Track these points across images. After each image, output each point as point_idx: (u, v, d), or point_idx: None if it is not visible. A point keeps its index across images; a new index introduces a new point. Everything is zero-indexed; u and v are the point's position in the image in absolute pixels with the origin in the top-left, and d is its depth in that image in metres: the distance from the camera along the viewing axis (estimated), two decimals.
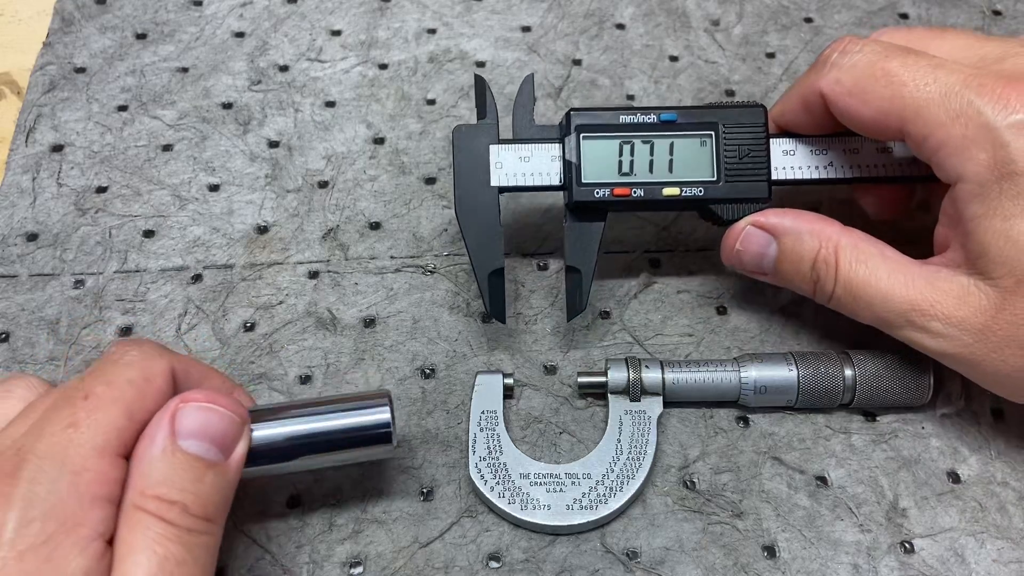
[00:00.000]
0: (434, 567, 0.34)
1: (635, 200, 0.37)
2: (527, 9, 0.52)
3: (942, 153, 0.32)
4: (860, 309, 0.35)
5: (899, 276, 0.33)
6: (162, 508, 0.27)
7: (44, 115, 0.47)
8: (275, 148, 0.46)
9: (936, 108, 0.32)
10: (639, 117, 0.37)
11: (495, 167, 0.37)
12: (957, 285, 0.33)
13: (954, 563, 0.34)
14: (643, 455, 0.36)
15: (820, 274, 0.35)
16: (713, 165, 0.37)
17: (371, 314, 0.41)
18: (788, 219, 0.36)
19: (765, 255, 0.37)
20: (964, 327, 0.32)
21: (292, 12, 0.51)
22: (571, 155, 0.37)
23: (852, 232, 0.35)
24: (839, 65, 0.35)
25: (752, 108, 0.37)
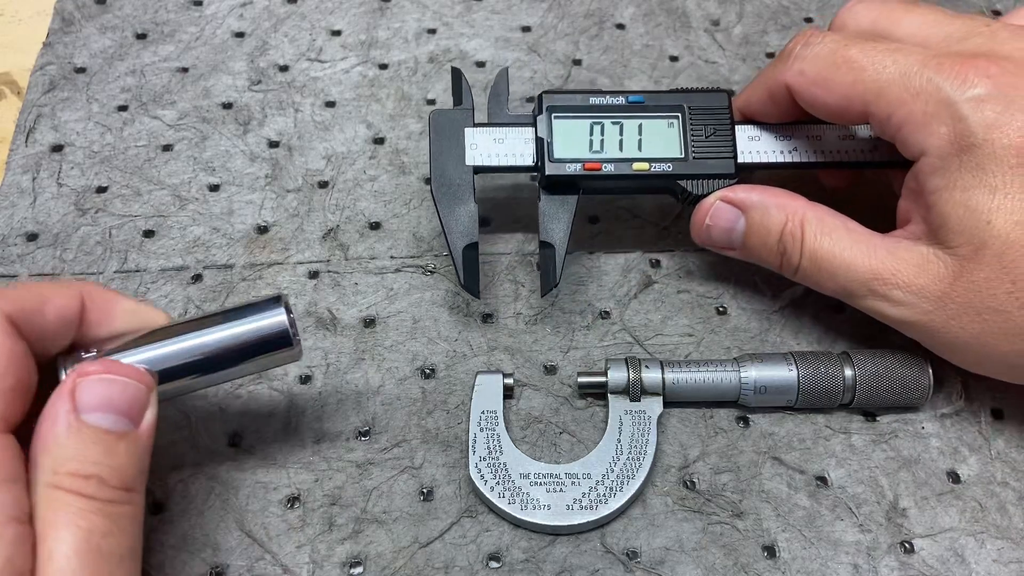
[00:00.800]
0: (434, 567, 0.34)
1: (606, 175, 0.38)
2: (527, 9, 0.52)
3: (905, 130, 0.33)
4: (824, 280, 0.36)
5: (862, 247, 0.35)
6: (77, 483, 0.26)
7: (44, 115, 0.47)
8: (275, 148, 0.46)
9: (896, 87, 0.33)
10: (608, 99, 0.39)
11: (470, 148, 0.39)
12: (917, 255, 0.34)
13: (954, 563, 0.34)
14: (643, 455, 0.36)
15: (786, 246, 0.36)
16: (681, 144, 0.39)
17: (371, 314, 0.41)
18: (755, 194, 0.38)
19: (734, 230, 0.38)
20: (923, 295, 0.33)
21: (292, 12, 0.51)
22: (543, 133, 0.38)
23: (817, 207, 0.36)
24: (802, 57, 0.36)
25: (716, 93, 0.39)
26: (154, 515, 0.35)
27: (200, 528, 0.35)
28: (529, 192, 0.45)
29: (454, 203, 0.38)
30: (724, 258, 0.42)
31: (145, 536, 0.34)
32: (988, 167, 0.32)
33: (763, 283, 0.42)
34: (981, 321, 0.32)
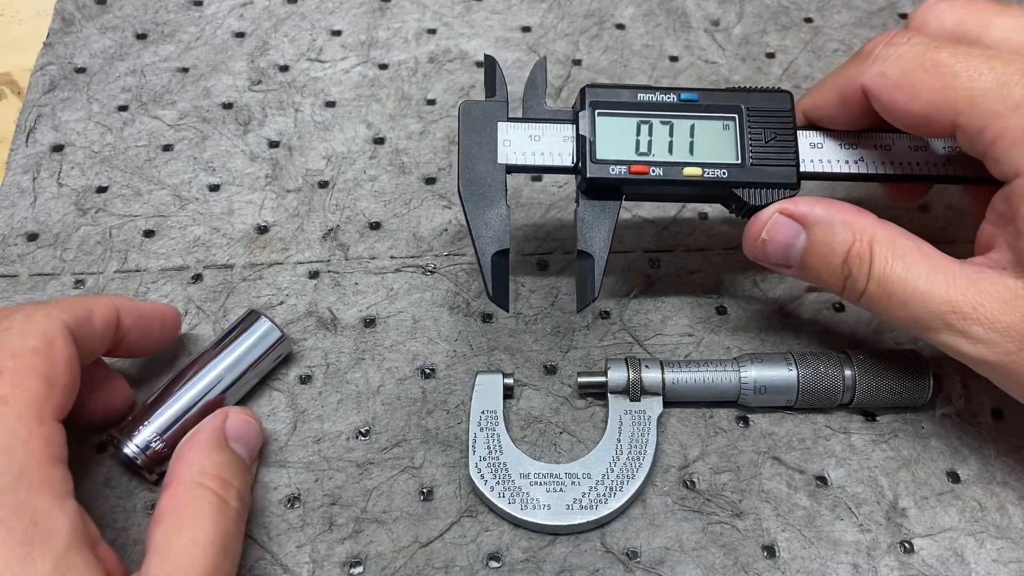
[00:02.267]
0: (434, 567, 0.34)
1: (653, 179, 0.35)
2: (527, 9, 0.52)
3: (999, 146, 0.30)
4: (894, 309, 0.32)
5: (939, 275, 0.31)
6: (222, 487, 0.31)
7: (44, 115, 0.47)
8: (275, 148, 0.46)
9: (992, 98, 0.30)
10: (658, 96, 0.35)
11: (503, 144, 0.35)
12: (1004, 288, 0.30)
13: (954, 563, 0.34)
14: (643, 455, 0.36)
15: (852, 269, 0.33)
16: (737, 148, 0.35)
17: (371, 314, 0.41)
18: (820, 208, 0.34)
19: (793, 246, 0.34)
20: (1008, 333, 0.30)
21: (292, 12, 0.51)
22: (585, 131, 0.35)
23: (888, 226, 0.33)
24: (884, 57, 0.32)
25: (778, 93, 0.36)
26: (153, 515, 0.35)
27: None
28: (530, 190, 0.45)
29: (484, 205, 0.35)
30: (725, 258, 0.42)
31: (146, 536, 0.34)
32: None
33: (763, 283, 0.42)
34: None
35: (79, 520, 0.28)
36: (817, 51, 0.50)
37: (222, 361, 0.36)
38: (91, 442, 0.36)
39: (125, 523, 0.35)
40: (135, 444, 0.34)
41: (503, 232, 0.35)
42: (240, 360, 0.36)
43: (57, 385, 0.29)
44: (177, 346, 0.39)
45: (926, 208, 0.44)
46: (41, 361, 0.29)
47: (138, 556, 0.33)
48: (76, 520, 0.27)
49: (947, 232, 0.43)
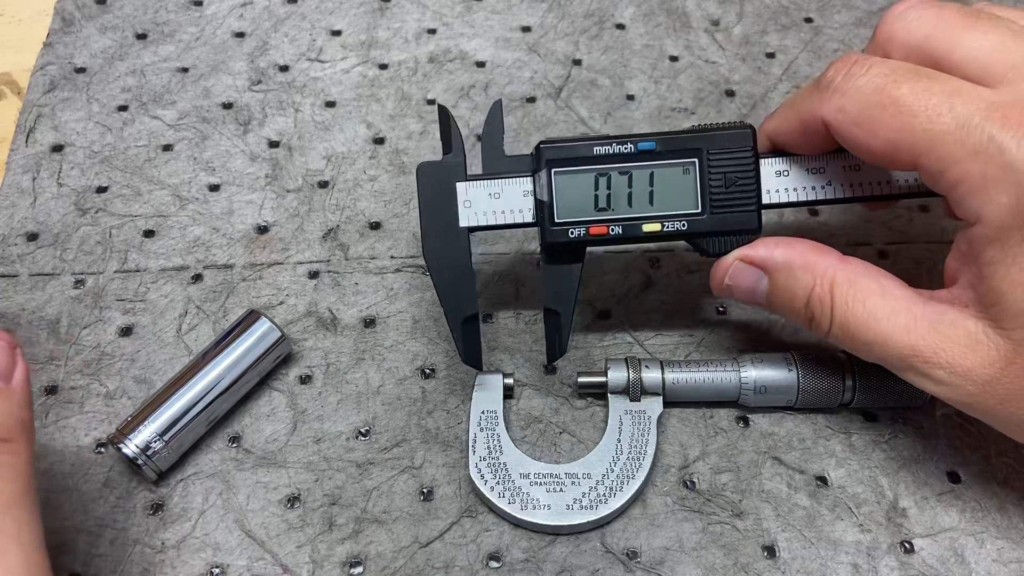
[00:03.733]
0: (434, 567, 0.34)
1: (613, 237, 0.35)
2: (527, 9, 0.52)
3: (959, 191, 0.29)
4: (858, 348, 0.32)
5: (900, 318, 0.31)
6: None
7: (44, 115, 0.47)
8: (275, 148, 0.46)
9: (952, 142, 0.29)
10: (616, 147, 0.35)
11: (464, 206, 0.35)
12: (964, 331, 0.30)
13: (954, 563, 0.34)
14: (643, 455, 0.36)
15: (815, 313, 0.33)
16: (697, 195, 0.35)
17: (371, 314, 0.41)
18: (779, 252, 0.33)
19: (756, 290, 0.34)
20: (970, 377, 0.30)
21: (292, 12, 0.51)
22: (542, 194, 0.35)
23: (849, 264, 0.32)
24: (842, 91, 0.31)
25: (739, 131, 0.34)
26: (154, 515, 0.35)
27: (200, 528, 0.35)
28: None
29: (450, 272, 0.35)
30: None
31: (145, 536, 0.34)
32: None
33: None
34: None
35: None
36: (817, 51, 0.50)
37: (222, 361, 0.36)
38: (91, 442, 0.36)
39: (125, 523, 0.35)
40: (135, 444, 0.34)
41: (470, 296, 0.35)
42: (240, 360, 0.36)
43: None
44: (177, 346, 0.39)
45: (926, 208, 0.44)
46: None
47: (137, 556, 0.34)
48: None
49: (947, 233, 0.43)
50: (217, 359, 0.36)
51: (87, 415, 0.37)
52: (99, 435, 0.37)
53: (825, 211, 0.44)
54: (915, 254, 0.34)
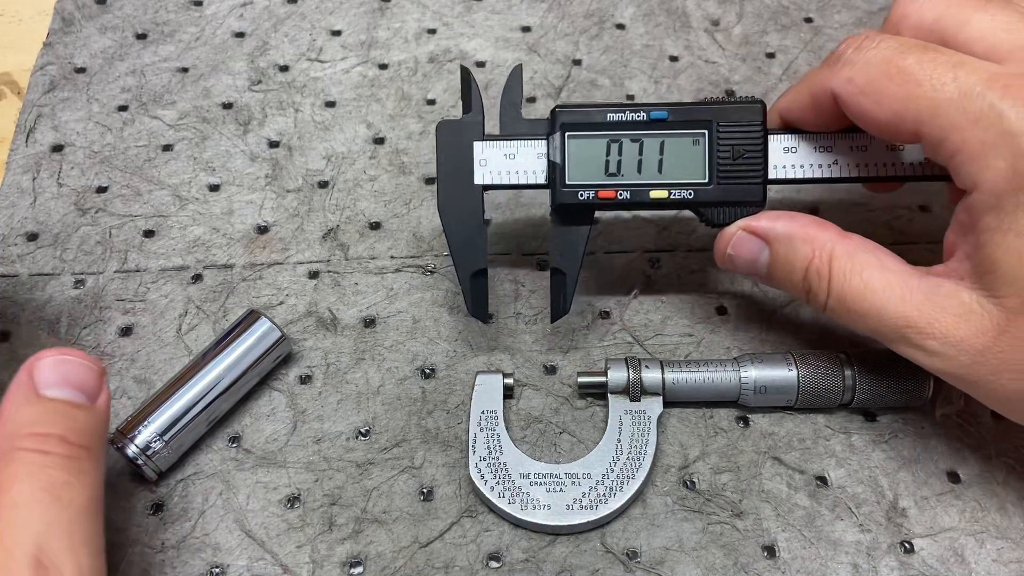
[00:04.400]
0: (434, 567, 0.34)
1: (621, 202, 0.36)
2: (527, 9, 0.52)
3: (958, 158, 0.30)
4: (854, 321, 0.33)
5: (896, 289, 0.32)
6: (38, 442, 0.28)
7: (44, 115, 0.47)
8: (275, 148, 0.46)
9: (954, 110, 0.29)
10: (628, 115, 0.36)
11: (479, 164, 0.36)
12: (958, 302, 0.30)
13: (954, 563, 0.34)
14: (643, 455, 0.36)
15: (812, 284, 0.34)
16: (705, 166, 0.36)
17: (371, 314, 0.41)
18: (781, 224, 0.35)
19: (757, 261, 0.35)
20: (962, 348, 0.30)
21: (292, 12, 0.51)
22: (555, 155, 0.36)
23: (848, 239, 0.33)
24: (852, 62, 0.32)
25: (750, 105, 0.35)
26: (154, 515, 0.35)
27: (200, 528, 0.35)
28: (529, 192, 0.45)
29: (462, 226, 0.36)
30: None
31: (145, 536, 0.34)
32: None
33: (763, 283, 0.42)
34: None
35: None
36: (817, 51, 0.50)
37: (222, 361, 0.36)
38: None
39: (125, 523, 0.35)
40: (135, 444, 0.34)
41: (481, 252, 0.36)
42: (240, 360, 0.36)
43: None
44: (177, 346, 0.39)
45: (926, 208, 0.44)
46: None
47: (137, 556, 0.34)
48: None
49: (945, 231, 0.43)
50: (217, 359, 0.36)
51: None
52: None
53: (825, 210, 0.44)
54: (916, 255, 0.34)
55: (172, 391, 0.35)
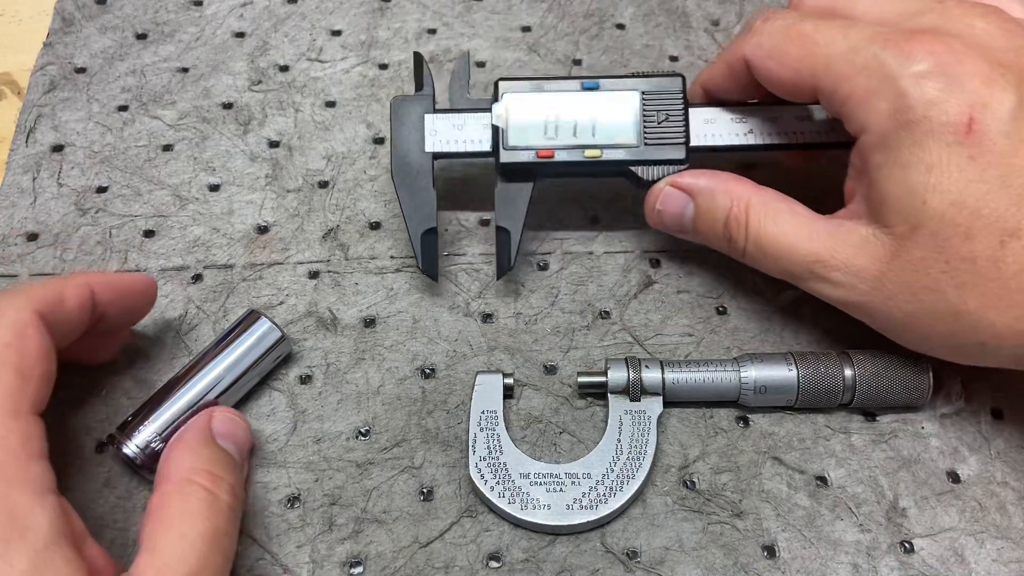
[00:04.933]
0: (434, 567, 0.34)
1: (559, 162, 0.39)
2: (527, 9, 0.52)
3: (848, 105, 0.33)
4: (769, 263, 0.36)
5: (804, 230, 0.35)
6: (212, 482, 0.30)
7: (44, 115, 0.47)
8: (275, 148, 0.46)
9: (843, 62, 0.33)
10: (564, 85, 0.40)
11: (430, 134, 0.40)
12: (856, 236, 0.34)
13: (954, 563, 0.34)
14: (643, 455, 0.36)
15: (732, 232, 0.37)
16: (634, 130, 0.39)
17: (371, 314, 0.41)
18: (703, 179, 0.38)
19: (683, 215, 0.39)
20: (862, 276, 0.33)
21: (292, 12, 0.51)
22: (499, 121, 0.39)
23: (763, 191, 0.37)
24: (761, 31, 0.36)
25: (671, 77, 0.40)
26: None
27: None
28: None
29: (413, 189, 0.39)
30: (724, 258, 0.42)
31: None
32: (926, 144, 0.31)
33: (763, 283, 0.42)
34: (917, 301, 0.33)
35: (60, 516, 0.27)
36: None
37: (222, 361, 0.36)
38: (91, 442, 0.36)
39: (125, 523, 0.35)
40: (135, 444, 0.34)
41: (430, 213, 0.39)
42: (240, 360, 0.36)
43: (31, 378, 0.29)
44: (177, 346, 0.39)
45: None
46: (13, 355, 0.28)
47: None
48: (56, 516, 0.27)
49: None
50: (217, 359, 0.36)
51: (87, 415, 0.37)
52: (99, 435, 0.37)
53: None
54: None
55: (172, 391, 0.35)
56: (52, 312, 0.31)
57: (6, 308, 0.29)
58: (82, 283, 0.33)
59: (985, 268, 0.31)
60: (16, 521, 0.26)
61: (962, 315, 0.32)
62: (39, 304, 0.30)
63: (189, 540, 0.28)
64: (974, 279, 0.31)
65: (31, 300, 0.30)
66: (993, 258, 0.31)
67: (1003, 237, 0.31)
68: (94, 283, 0.33)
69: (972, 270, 0.31)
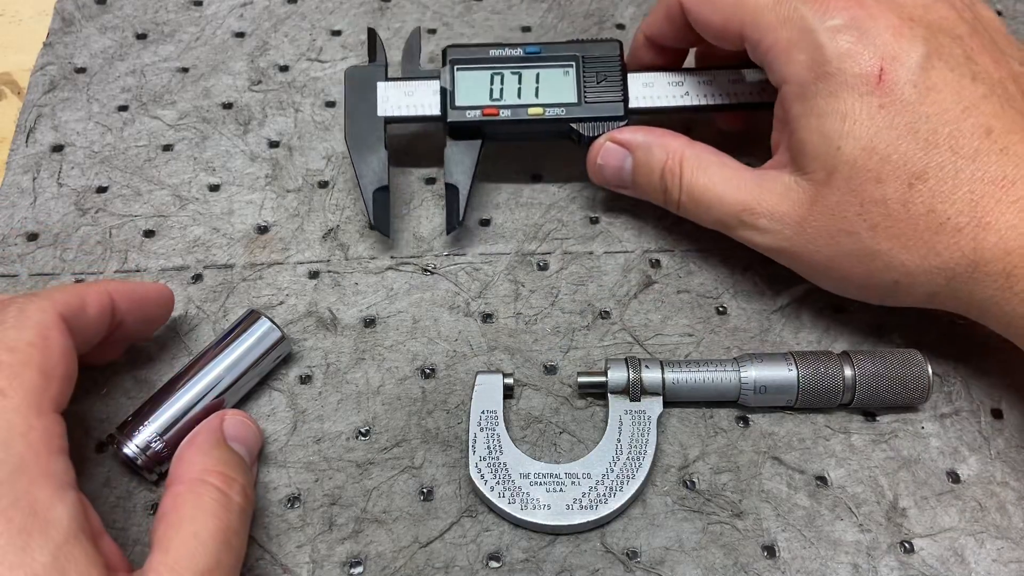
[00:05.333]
0: (434, 567, 0.34)
1: (504, 120, 0.41)
2: (527, 9, 0.52)
3: (770, 56, 0.35)
4: (702, 213, 0.38)
5: (733, 181, 0.37)
6: (224, 482, 0.31)
7: (44, 115, 0.47)
8: (275, 148, 0.46)
9: (768, 13, 0.35)
10: (507, 51, 0.42)
11: (382, 100, 0.42)
12: (780, 183, 0.36)
13: (954, 563, 0.34)
14: (643, 455, 0.36)
15: (667, 183, 0.39)
16: (575, 90, 0.41)
17: (371, 314, 0.41)
18: (640, 135, 0.40)
19: (623, 168, 0.41)
20: (785, 221, 0.35)
21: (292, 12, 0.51)
22: (446, 83, 0.41)
23: (696, 145, 0.39)
24: None
25: (609, 42, 0.42)
26: (154, 515, 0.35)
27: None
28: (530, 190, 0.45)
29: (366, 151, 0.41)
30: (724, 257, 0.42)
31: (145, 536, 0.34)
32: (841, 94, 0.33)
33: (763, 283, 0.42)
34: (835, 244, 0.34)
35: (80, 511, 0.28)
36: None
37: (222, 361, 0.36)
38: (91, 442, 0.36)
39: (125, 523, 0.35)
40: (135, 444, 0.34)
41: (382, 173, 0.41)
42: (240, 360, 0.36)
43: (54, 377, 0.29)
44: (177, 346, 0.39)
45: None
46: (37, 354, 0.29)
47: (138, 556, 0.34)
48: (77, 511, 0.27)
49: None
50: (217, 359, 0.36)
51: (87, 415, 0.37)
52: (99, 435, 0.37)
53: None
54: None
55: (172, 391, 0.35)
56: (74, 317, 0.31)
57: (31, 310, 0.30)
58: (103, 291, 0.33)
59: (895, 210, 0.33)
60: (38, 515, 0.26)
61: (876, 255, 0.34)
62: (63, 308, 0.31)
63: (201, 539, 0.29)
64: (886, 220, 0.33)
65: (55, 304, 0.31)
66: (902, 200, 0.33)
67: (911, 180, 0.33)
68: (114, 291, 0.34)
69: (883, 212, 0.33)
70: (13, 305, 0.30)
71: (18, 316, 0.30)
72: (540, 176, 0.45)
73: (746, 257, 0.42)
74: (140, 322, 0.36)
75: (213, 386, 0.36)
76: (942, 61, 0.33)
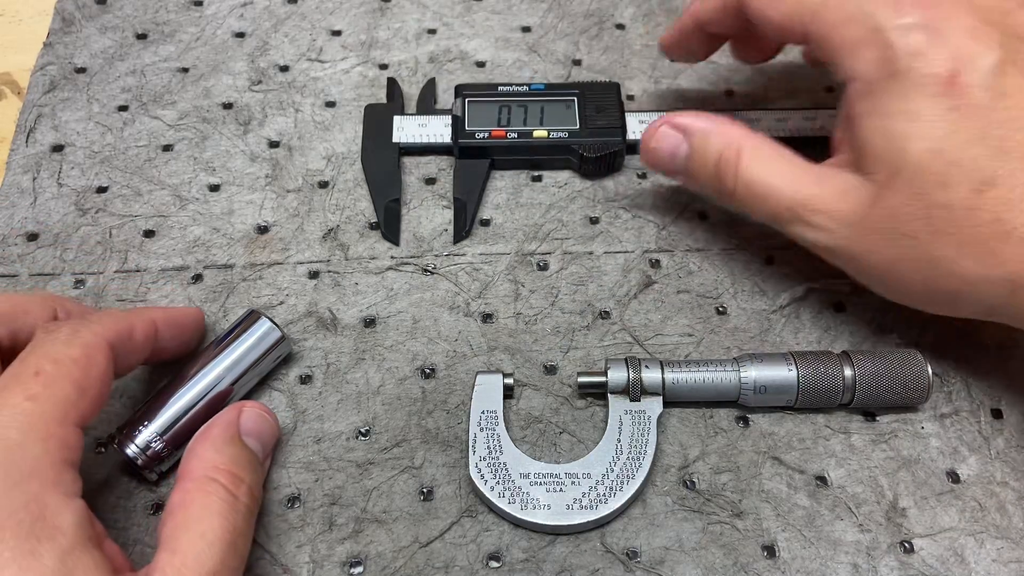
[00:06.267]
0: (434, 567, 0.34)
1: (511, 143, 0.44)
2: (527, 9, 0.52)
3: (837, 54, 0.34)
4: (756, 205, 0.37)
5: (792, 175, 0.36)
6: (233, 482, 0.31)
7: (44, 115, 0.47)
8: (275, 148, 0.46)
9: (833, 11, 0.34)
10: (514, 87, 0.46)
11: (397, 130, 0.45)
12: (841, 181, 0.35)
13: (954, 563, 0.34)
14: (643, 455, 0.36)
15: (722, 172, 0.38)
16: (576, 118, 0.45)
17: (371, 314, 0.41)
18: (700, 121, 0.39)
19: (677, 154, 0.39)
20: (843, 220, 0.34)
21: (292, 12, 0.51)
22: (458, 111, 0.45)
23: (755, 135, 0.38)
24: None
25: (608, 84, 0.46)
26: (155, 515, 0.35)
27: None
28: (530, 190, 0.45)
29: (380, 171, 0.44)
30: (724, 258, 0.42)
31: (145, 536, 0.34)
32: (909, 94, 0.32)
33: (763, 283, 0.42)
34: (895, 247, 0.33)
35: (86, 518, 0.28)
36: None
37: (222, 361, 0.36)
38: (91, 442, 0.36)
39: (125, 523, 0.35)
40: (135, 444, 0.34)
41: (396, 186, 0.44)
42: (240, 360, 0.36)
43: (87, 395, 0.30)
44: None
45: None
46: (77, 370, 0.30)
47: (138, 556, 0.34)
48: (83, 518, 0.28)
49: None
50: (217, 359, 0.36)
51: None
52: (99, 435, 0.37)
53: None
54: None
55: (172, 391, 0.35)
56: (122, 344, 0.32)
57: (84, 332, 0.31)
58: (149, 320, 0.35)
59: (960, 216, 0.32)
60: (47, 521, 0.27)
61: (937, 262, 0.33)
62: (112, 336, 0.32)
63: (208, 540, 0.29)
64: (950, 226, 0.32)
65: (106, 330, 0.32)
66: (968, 206, 0.31)
67: (979, 186, 0.31)
68: (158, 319, 0.35)
69: (948, 217, 0.32)
70: (69, 325, 0.31)
71: (70, 335, 0.31)
72: (540, 176, 0.45)
73: (746, 257, 0.42)
74: (177, 346, 0.37)
75: (213, 386, 0.36)
76: (1016, 67, 0.32)
